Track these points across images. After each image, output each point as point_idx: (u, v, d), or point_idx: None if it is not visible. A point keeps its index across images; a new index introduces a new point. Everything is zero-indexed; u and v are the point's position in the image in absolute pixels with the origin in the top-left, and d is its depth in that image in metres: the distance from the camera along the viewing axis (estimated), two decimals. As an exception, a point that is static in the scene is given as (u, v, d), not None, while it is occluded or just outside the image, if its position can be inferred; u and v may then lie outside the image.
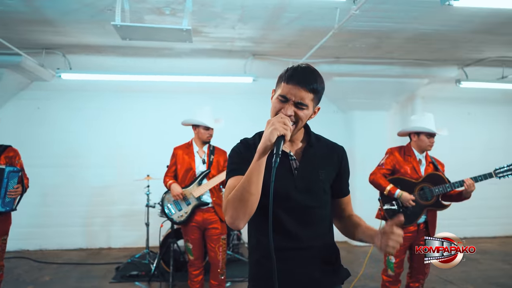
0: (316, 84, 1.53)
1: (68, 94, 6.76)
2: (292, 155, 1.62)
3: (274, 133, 1.38)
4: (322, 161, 1.65)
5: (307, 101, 1.52)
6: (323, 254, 1.61)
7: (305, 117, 1.55)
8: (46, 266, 5.79)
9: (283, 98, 1.52)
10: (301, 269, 1.56)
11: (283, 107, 1.51)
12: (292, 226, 1.55)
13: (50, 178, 6.73)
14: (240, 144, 1.66)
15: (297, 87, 1.50)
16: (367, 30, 4.78)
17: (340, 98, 7.21)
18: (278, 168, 1.43)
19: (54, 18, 4.29)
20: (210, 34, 4.88)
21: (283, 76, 1.55)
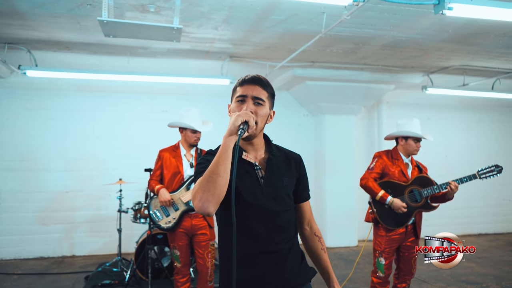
0: (268, 85, 1.71)
1: (28, 92, 6.31)
2: (257, 166, 1.71)
3: (238, 119, 1.51)
4: (284, 168, 1.76)
5: (263, 97, 1.67)
6: (291, 256, 1.71)
7: (264, 116, 1.68)
8: (5, 278, 5.36)
9: (241, 97, 1.66)
10: (272, 272, 1.65)
11: (243, 107, 1.65)
12: (262, 231, 1.64)
13: (5, 182, 6.26)
14: (208, 154, 1.75)
15: (252, 85, 1.67)
16: (347, 36, 4.87)
17: (311, 102, 7.29)
18: (246, 178, 1.66)
19: (24, 10, 3.98)
20: (191, 34, 4.75)
21: (236, 84, 1.73)
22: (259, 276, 1.64)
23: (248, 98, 1.65)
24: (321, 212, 7.35)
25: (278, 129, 7.29)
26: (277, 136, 7.75)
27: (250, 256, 1.63)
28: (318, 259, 1.84)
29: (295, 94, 7.42)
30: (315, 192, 7.64)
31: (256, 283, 1.64)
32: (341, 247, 7.10)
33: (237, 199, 1.52)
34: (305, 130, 7.63)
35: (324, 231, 7.21)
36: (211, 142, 3.75)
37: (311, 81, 6.65)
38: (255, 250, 1.64)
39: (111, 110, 6.62)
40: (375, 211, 3.61)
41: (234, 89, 1.74)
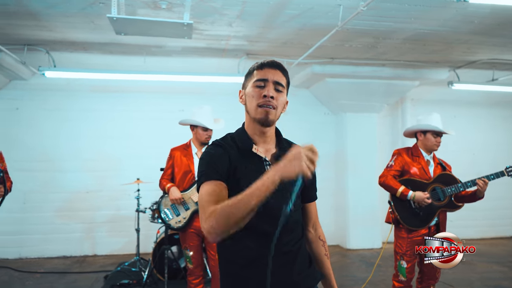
0: (287, 72, 1.61)
1: (48, 93, 6.42)
2: (267, 161, 1.58)
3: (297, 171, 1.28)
4: None
5: (283, 84, 1.57)
6: (300, 258, 1.60)
7: (282, 104, 1.57)
8: (28, 276, 5.45)
9: (261, 81, 1.53)
10: (279, 274, 1.52)
11: (263, 92, 1.52)
12: (269, 232, 1.47)
13: (29, 182, 6.37)
14: (212, 146, 1.59)
15: (273, 69, 1.55)
16: (366, 30, 4.69)
17: (332, 100, 7.12)
18: (254, 174, 1.46)
19: (39, 10, 4.01)
20: (205, 32, 4.69)
21: (253, 68, 1.60)
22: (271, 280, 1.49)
23: (269, 83, 1.53)
24: (342, 213, 7.17)
25: (298, 128, 7.17)
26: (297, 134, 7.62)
27: (256, 257, 1.51)
28: (320, 265, 1.72)
29: (315, 92, 7.26)
30: (336, 191, 7.51)
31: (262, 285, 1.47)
32: (364, 249, 6.89)
33: None
34: (326, 128, 7.47)
35: (346, 232, 7.03)
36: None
37: (330, 78, 6.49)
38: (262, 251, 1.49)
39: (128, 110, 6.65)
40: (396, 210, 3.44)
41: (250, 73, 1.61)
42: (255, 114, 1.53)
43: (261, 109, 1.51)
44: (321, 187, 6.86)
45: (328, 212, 7.29)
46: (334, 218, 7.34)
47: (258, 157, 1.56)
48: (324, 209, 7.19)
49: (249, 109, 1.57)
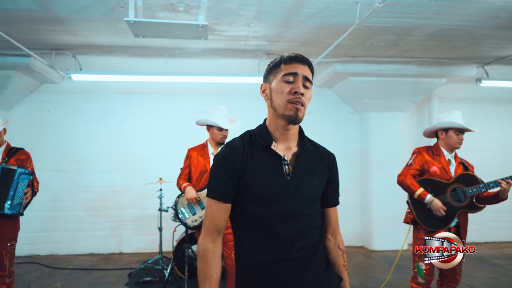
0: (312, 66, 1.55)
1: (77, 96, 6.64)
2: (286, 160, 1.52)
3: None
4: (315, 167, 1.57)
5: (311, 80, 1.51)
6: (315, 263, 1.53)
7: (308, 100, 1.51)
8: (57, 272, 5.66)
9: (290, 75, 1.46)
10: (292, 281, 1.48)
11: (293, 88, 1.45)
12: (283, 234, 1.47)
13: (59, 182, 6.62)
14: (224, 148, 1.54)
15: (302, 64, 1.49)
16: (386, 27, 4.61)
17: (355, 99, 7.03)
18: (271, 172, 1.48)
19: (64, 16, 4.17)
20: (224, 33, 4.74)
21: (280, 62, 1.51)
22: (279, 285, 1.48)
23: (299, 78, 1.45)
24: (367, 213, 7.06)
25: (322, 127, 7.12)
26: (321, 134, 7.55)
27: (269, 262, 1.47)
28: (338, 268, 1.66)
29: (338, 91, 7.19)
30: (360, 192, 7.40)
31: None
32: (389, 251, 6.75)
33: (259, 195, 1.45)
34: (350, 128, 7.38)
35: (370, 233, 6.92)
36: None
37: (353, 77, 6.40)
38: (275, 255, 1.47)
39: (151, 112, 6.79)
40: (414, 211, 3.37)
41: (276, 66, 1.52)
42: (284, 110, 1.45)
43: (292, 106, 1.44)
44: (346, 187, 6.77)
45: (353, 213, 7.21)
46: (359, 219, 7.25)
47: (276, 155, 1.51)
48: (349, 209, 7.13)
49: (276, 105, 1.48)
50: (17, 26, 4.43)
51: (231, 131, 3.77)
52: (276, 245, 1.46)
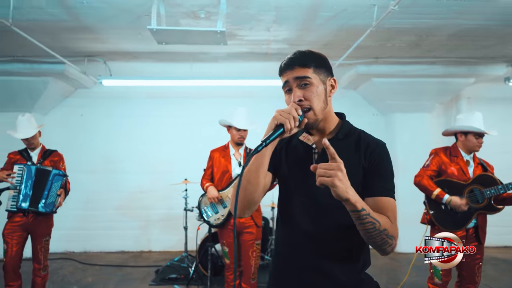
0: (307, 57, 1.45)
1: (108, 100, 6.97)
2: (314, 148, 1.47)
3: (272, 122, 1.34)
4: (350, 155, 1.44)
5: (308, 75, 1.41)
6: (347, 263, 1.44)
7: (319, 94, 1.42)
8: (89, 268, 5.95)
9: (286, 85, 1.46)
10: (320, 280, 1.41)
11: (291, 98, 1.44)
12: (308, 227, 1.42)
13: (92, 183, 6.93)
14: None
15: (290, 69, 1.44)
16: (406, 28, 4.60)
17: (380, 100, 7.00)
18: (299, 162, 1.47)
19: (93, 25, 4.43)
20: (246, 37, 4.87)
21: (279, 74, 1.52)
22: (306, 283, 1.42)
23: (292, 84, 1.43)
24: (393, 216, 6.99)
25: (346, 129, 7.12)
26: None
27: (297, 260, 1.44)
28: None
29: (362, 92, 7.18)
30: (386, 194, 7.30)
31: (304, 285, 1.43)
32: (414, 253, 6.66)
33: (286, 187, 1.47)
34: (375, 129, 7.13)
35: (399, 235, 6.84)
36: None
37: (376, 78, 6.39)
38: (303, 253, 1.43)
39: (178, 115, 7.02)
40: (431, 212, 3.37)
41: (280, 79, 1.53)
42: None
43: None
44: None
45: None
46: (385, 221, 7.19)
47: (306, 145, 1.49)
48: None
49: None
50: (52, 35, 4.72)
51: (252, 133, 3.89)
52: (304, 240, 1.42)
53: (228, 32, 4.63)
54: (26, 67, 5.83)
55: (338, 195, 1.21)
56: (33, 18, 4.16)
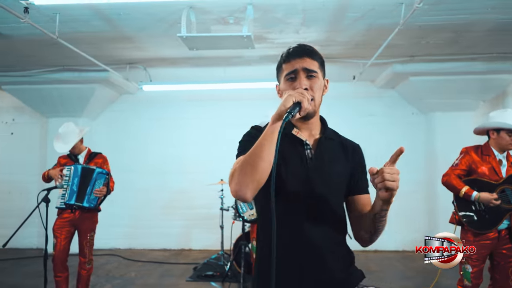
0: (315, 51, 1.52)
1: (150, 105, 7.33)
2: (308, 144, 1.52)
3: (289, 99, 1.31)
4: (338, 155, 1.55)
5: (315, 68, 1.48)
6: (337, 255, 1.50)
7: (320, 89, 1.50)
8: (133, 264, 6.29)
9: (292, 74, 1.47)
10: (313, 272, 1.44)
11: (296, 84, 1.45)
12: (302, 220, 1.44)
13: (137, 183, 7.31)
14: (252, 129, 1.61)
15: (300, 57, 1.47)
16: (440, 25, 4.50)
17: (419, 99, 6.83)
18: (292, 156, 1.46)
19: (132, 34, 4.71)
20: (276, 40, 4.97)
21: (281, 62, 1.53)
22: (297, 276, 1.44)
23: (300, 73, 1.46)
24: (434, 218, 6.80)
25: (385, 129, 7.05)
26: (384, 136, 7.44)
27: (288, 254, 1.42)
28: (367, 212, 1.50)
29: (400, 91, 7.04)
30: (427, 196, 7.13)
31: (295, 283, 1.44)
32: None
33: (279, 180, 1.41)
34: (415, 129, 7.17)
35: (437, 238, 6.65)
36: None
37: (414, 77, 6.25)
38: (294, 244, 1.44)
39: (214, 117, 7.26)
40: (459, 212, 3.29)
41: (279, 67, 1.56)
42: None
43: None
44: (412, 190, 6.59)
45: (419, 217, 6.99)
46: (427, 224, 7.01)
47: (299, 140, 1.52)
48: (415, 213, 6.93)
49: None
50: (96, 45, 5.07)
51: None
52: (297, 233, 1.44)
53: (258, 36, 4.75)
54: (75, 76, 6.29)
55: (391, 197, 1.31)
56: (77, 30, 4.50)
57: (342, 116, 7.11)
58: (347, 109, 7.15)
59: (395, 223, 6.88)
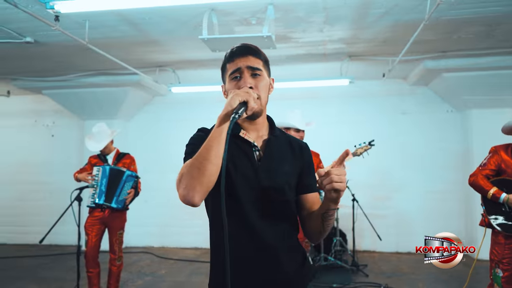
0: (259, 50, 1.53)
1: (181, 106, 7.50)
2: (256, 146, 1.53)
3: (236, 98, 1.32)
4: (286, 154, 1.57)
5: (259, 66, 1.49)
6: (290, 254, 1.51)
7: (265, 87, 1.51)
8: (164, 261, 6.46)
9: (236, 72, 1.48)
10: (267, 272, 1.45)
11: (240, 83, 1.46)
12: (256, 221, 1.44)
13: (170, 183, 7.45)
14: (198, 131, 1.61)
15: (243, 56, 1.49)
16: (471, 18, 4.31)
17: (453, 96, 6.58)
18: (241, 159, 1.47)
19: (159, 38, 4.83)
20: (300, 39, 4.94)
21: (225, 62, 1.55)
22: (253, 277, 1.45)
23: (244, 71, 1.47)
24: (471, 220, 6.52)
25: (418, 127, 6.87)
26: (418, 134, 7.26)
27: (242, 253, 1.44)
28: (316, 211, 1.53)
29: (434, 88, 6.81)
30: (463, 196, 6.86)
31: (249, 284, 1.45)
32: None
33: (229, 182, 1.42)
34: (450, 127, 6.91)
35: (475, 240, 6.37)
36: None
37: (447, 73, 6.03)
38: (248, 245, 1.45)
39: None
40: (488, 214, 3.15)
41: (223, 67, 1.56)
42: None
43: None
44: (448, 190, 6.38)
45: (455, 218, 6.74)
46: (464, 226, 6.74)
47: (246, 141, 1.52)
48: (450, 215, 6.69)
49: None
50: (126, 50, 5.25)
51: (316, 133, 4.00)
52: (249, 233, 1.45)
53: (282, 36, 4.75)
54: (108, 79, 6.53)
55: (339, 197, 1.33)
56: (107, 36, 4.67)
57: (371, 114, 6.99)
58: (377, 107, 7.01)
59: (430, 224, 6.67)
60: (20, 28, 4.44)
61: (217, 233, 1.52)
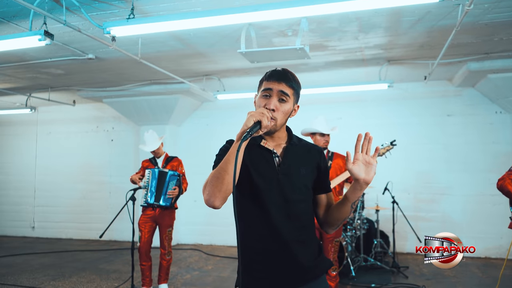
0: (293, 81, 1.70)
1: (227, 111, 7.89)
2: (275, 153, 1.73)
3: (251, 119, 1.51)
4: (303, 159, 1.76)
5: (288, 93, 1.67)
6: (308, 248, 1.70)
7: (286, 112, 1.68)
8: (211, 258, 6.87)
9: (267, 92, 1.67)
10: (286, 264, 1.64)
11: (267, 102, 1.65)
12: (277, 220, 1.65)
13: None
14: (226, 143, 1.82)
15: (277, 81, 1.66)
16: (509, 21, 4.28)
17: (502, 97, 6.42)
18: (263, 164, 1.69)
19: (204, 50, 5.22)
20: (337, 47, 5.11)
21: (263, 78, 1.74)
22: (274, 269, 1.64)
23: (273, 93, 1.66)
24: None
25: (466, 129, 6.80)
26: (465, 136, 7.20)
27: (265, 247, 1.65)
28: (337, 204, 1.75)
29: (481, 89, 6.67)
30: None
31: (270, 275, 1.65)
32: None
33: (253, 186, 1.65)
34: (499, 129, 6.74)
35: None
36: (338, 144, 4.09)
37: (493, 74, 5.92)
38: (270, 240, 1.65)
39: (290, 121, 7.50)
40: (518, 217, 3.18)
41: (261, 81, 1.75)
42: None
43: None
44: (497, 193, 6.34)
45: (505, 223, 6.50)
46: None
47: (267, 150, 1.72)
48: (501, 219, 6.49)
49: None
50: (175, 61, 5.70)
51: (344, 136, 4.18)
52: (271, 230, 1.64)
53: (318, 45, 4.96)
54: (161, 88, 7.07)
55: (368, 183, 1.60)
56: (158, 50, 5.14)
57: (414, 116, 6.97)
58: (420, 109, 6.99)
59: (476, 228, 6.55)
60: (83, 47, 5.03)
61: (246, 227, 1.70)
